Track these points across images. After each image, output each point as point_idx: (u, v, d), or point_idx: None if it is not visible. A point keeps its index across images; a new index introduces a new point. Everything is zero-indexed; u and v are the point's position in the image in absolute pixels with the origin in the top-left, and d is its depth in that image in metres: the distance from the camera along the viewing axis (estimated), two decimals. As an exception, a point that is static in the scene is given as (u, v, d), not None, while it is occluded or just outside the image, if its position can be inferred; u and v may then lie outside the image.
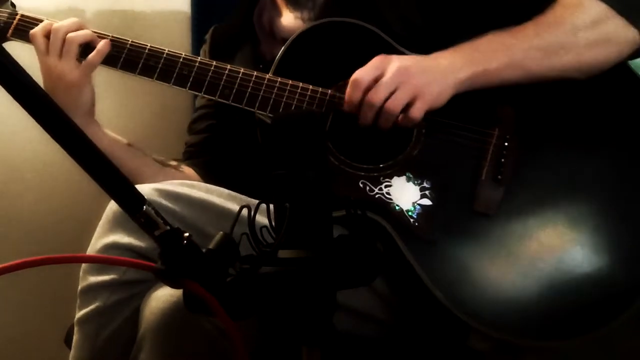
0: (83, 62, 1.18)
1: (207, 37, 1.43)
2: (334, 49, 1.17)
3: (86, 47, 1.19)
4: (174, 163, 1.32)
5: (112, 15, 1.71)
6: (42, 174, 1.75)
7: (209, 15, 1.48)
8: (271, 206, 0.64)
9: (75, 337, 1.07)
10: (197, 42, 1.66)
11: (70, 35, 1.18)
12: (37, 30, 1.20)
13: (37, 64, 1.20)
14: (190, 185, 1.08)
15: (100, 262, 1.03)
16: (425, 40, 1.17)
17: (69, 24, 1.20)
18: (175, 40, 1.26)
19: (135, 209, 0.58)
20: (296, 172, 0.63)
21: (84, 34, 1.20)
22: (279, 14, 1.31)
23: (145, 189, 1.04)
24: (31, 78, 0.52)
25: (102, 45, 1.19)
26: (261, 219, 0.63)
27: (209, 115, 1.38)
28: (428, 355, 1.12)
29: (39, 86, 0.53)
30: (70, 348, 1.10)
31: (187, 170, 1.33)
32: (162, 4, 1.75)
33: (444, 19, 1.18)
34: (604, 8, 1.09)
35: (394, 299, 1.09)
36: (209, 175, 1.33)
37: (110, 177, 0.57)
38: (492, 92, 1.12)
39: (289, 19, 1.29)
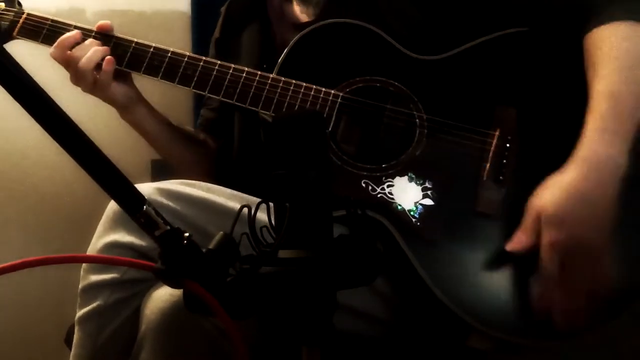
0: (98, 82, 1.21)
1: (223, 9, 1.43)
2: (336, 49, 1.17)
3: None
4: (201, 137, 1.40)
5: (112, 15, 1.71)
6: (42, 174, 1.76)
7: (209, 15, 1.48)
8: (272, 206, 0.64)
9: (75, 336, 1.07)
10: (197, 42, 1.66)
11: (80, 64, 1.20)
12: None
13: (38, 64, 1.20)
14: (191, 185, 1.08)
15: (100, 262, 1.03)
16: (425, 38, 1.17)
17: (80, 54, 1.21)
18: (175, 40, 1.26)
19: (135, 209, 0.58)
20: (297, 172, 0.63)
21: (90, 58, 1.20)
22: (290, 2, 1.32)
23: (146, 188, 1.04)
24: (32, 78, 0.52)
25: (106, 62, 1.21)
26: (263, 218, 0.63)
27: None
28: (428, 354, 1.12)
29: (40, 86, 0.53)
30: (70, 348, 1.10)
31: (213, 144, 1.41)
32: (162, 4, 1.75)
33: (441, 15, 1.18)
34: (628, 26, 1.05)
35: (395, 298, 1.09)
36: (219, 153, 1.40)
37: (110, 177, 0.57)
38: (494, 93, 1.12)
39: (297, 10, 1.30)
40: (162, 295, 0.99)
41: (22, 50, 1.21)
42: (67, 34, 1.23)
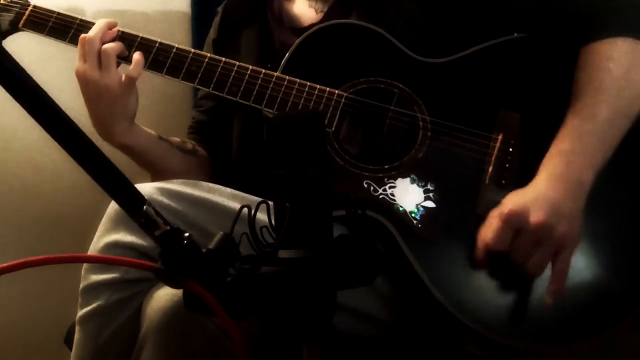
0: (124, 77, 1.18)
1: (220, 9, 1.43)
2: (341, 50, 1.17)
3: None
4: (189, 146, 1.34)
5: (112, 15, 1.69)
6: (43, 174, 1.76)
7: (209, 15, 1.48)
8: (272, 205, 0.64)
9: (76, 336, 1.07)
10: (197, 42, 1.66)
11: (106, 47, 1.17)
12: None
13: (38, 62, 1.20)
14: (193, 185, 1.08)
15: (100, 262, 1.03)
16: (430, 41, 1.18)
17: (101, 32, 1.19)
18: (175, 40, 1.26)
19: (135, 209, 0.58)
20: (297, 171, 0.63)
21: (116, 46, 1.19)
22: (291, 2, 1.31)
23: (147, 188, 1.04)
24: (31, 78, 0.52)
25: (137, 57, 1.19)
26: (263, 218, 0.63)
27: (213, 96, 1.36)
28: (427, 357, 1.12)
29: (39, 86, 0.53)
30: (70, 348, 1.10)
31: (202, 152, 1.36)
32: (162, 4, 1.75)
33: (443, 19, 1.18)
34: (632, 48, 1.08)
35: (395, 299, 1.09)
36: (211, 156, 1.37)
37: (110, 177, 0.57)
38: (498, 98, 1.12)
39: (301, 6, 1.30)
40: (164, 295, 0.99)
41: (23, 50, 1.21)
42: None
